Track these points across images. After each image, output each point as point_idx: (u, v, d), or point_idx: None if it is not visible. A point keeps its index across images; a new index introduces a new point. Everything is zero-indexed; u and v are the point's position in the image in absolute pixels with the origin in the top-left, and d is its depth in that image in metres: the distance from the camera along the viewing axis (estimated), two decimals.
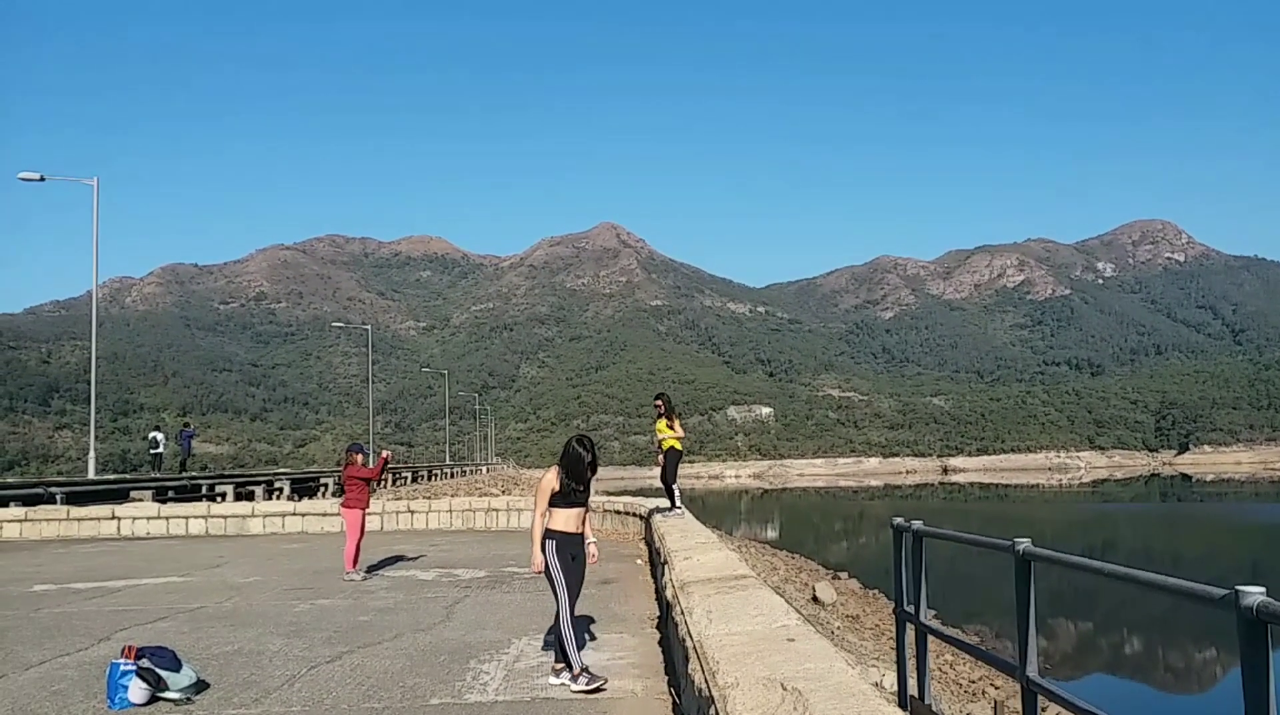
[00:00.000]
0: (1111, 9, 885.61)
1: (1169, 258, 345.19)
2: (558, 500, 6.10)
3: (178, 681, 5.79)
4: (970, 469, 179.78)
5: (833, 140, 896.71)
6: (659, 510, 13.63)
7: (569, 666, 5.93)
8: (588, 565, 6.33)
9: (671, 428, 12.43)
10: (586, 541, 6.34)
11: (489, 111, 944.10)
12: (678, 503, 13.14)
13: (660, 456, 12.72)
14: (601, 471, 6.54)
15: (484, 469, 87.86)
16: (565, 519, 6.11)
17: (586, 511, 6.31)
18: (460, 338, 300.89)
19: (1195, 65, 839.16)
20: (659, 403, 12.59)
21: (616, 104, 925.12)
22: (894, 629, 8.06)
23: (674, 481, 12.88)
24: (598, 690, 5.77)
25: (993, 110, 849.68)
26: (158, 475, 29.35)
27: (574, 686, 5.81)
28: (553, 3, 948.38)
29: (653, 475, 13.70)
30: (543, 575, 6.09)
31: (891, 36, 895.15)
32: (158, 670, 5.72)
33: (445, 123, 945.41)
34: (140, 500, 22.54)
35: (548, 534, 6.06)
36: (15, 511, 19.20)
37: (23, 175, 28.92)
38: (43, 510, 19.47)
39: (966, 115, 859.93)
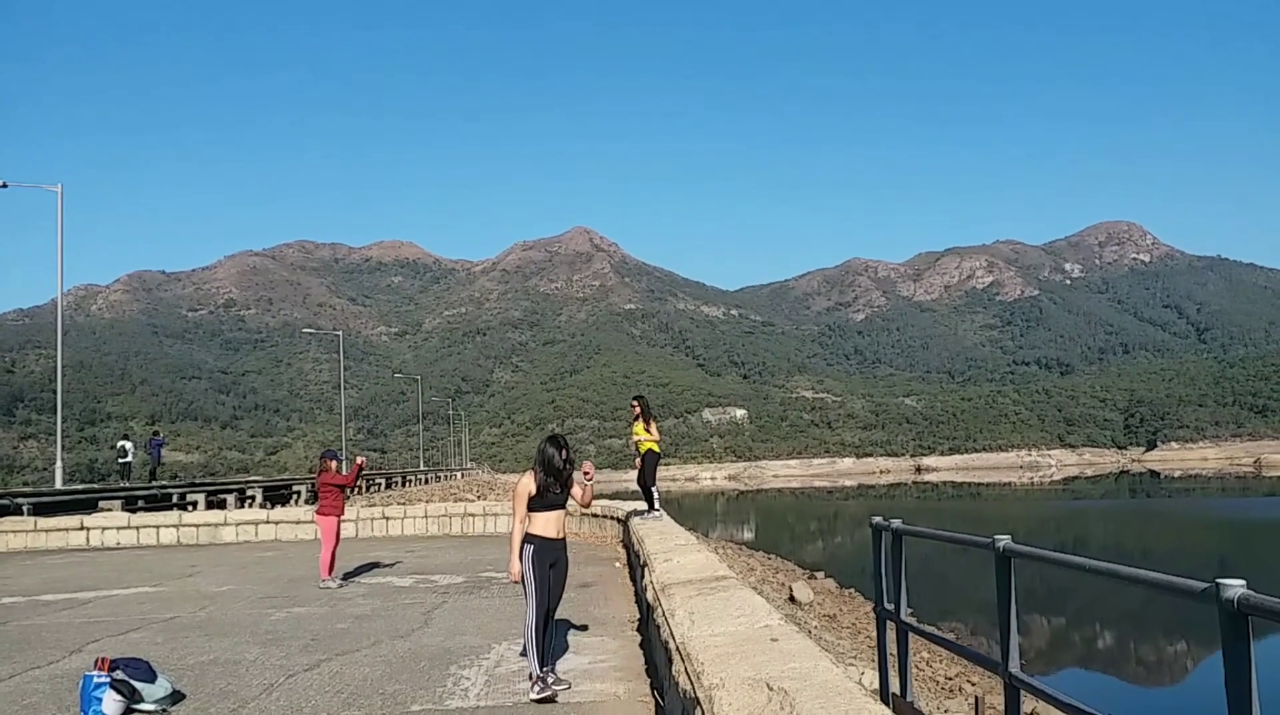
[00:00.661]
0: (1075, 10, 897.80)
1: (1135, 258, 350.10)
2: (535, 503, 5.97)
3: (153, 693, 5.70)
4: (943, 468, 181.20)
5: (803, 143, 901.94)
6: (637, 513, 13.61)
7: (531, 672, 5.85)
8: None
9: (649, 430, 12.43)
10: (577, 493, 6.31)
11: (460, 116, 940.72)
12: (656, 505, 13.13)
13: (638, 459, 12.70)
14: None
15: (459, 474, 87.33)
16: (544, 523, 5.99)
17: (565, 513, 6.17)
18: (433, 343, 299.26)
19: (1159, 68, 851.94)
20: (635, 405, 12.58)
21: (588, 108, 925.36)
22: (872, 627, 8.10)
23: (653, 484, 12.88)
24: (548, 699, 5.65)
25: (961, 113, 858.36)
26: (127, 484, 28.92)
27: (532, 694, 5.71)
28: (525, 8, 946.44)
29: (629, 478, 13.70)
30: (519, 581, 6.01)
31: (859, 39, 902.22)
32: (132, 682, 5.63)
33: (416, 127, 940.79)
34: (109, 510, 22.19)
35: (527, 539, 5.94)
36: None
37: None
38: (8, 521, 19.14)
39: (935, 118, 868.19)
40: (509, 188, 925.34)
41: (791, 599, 21.05)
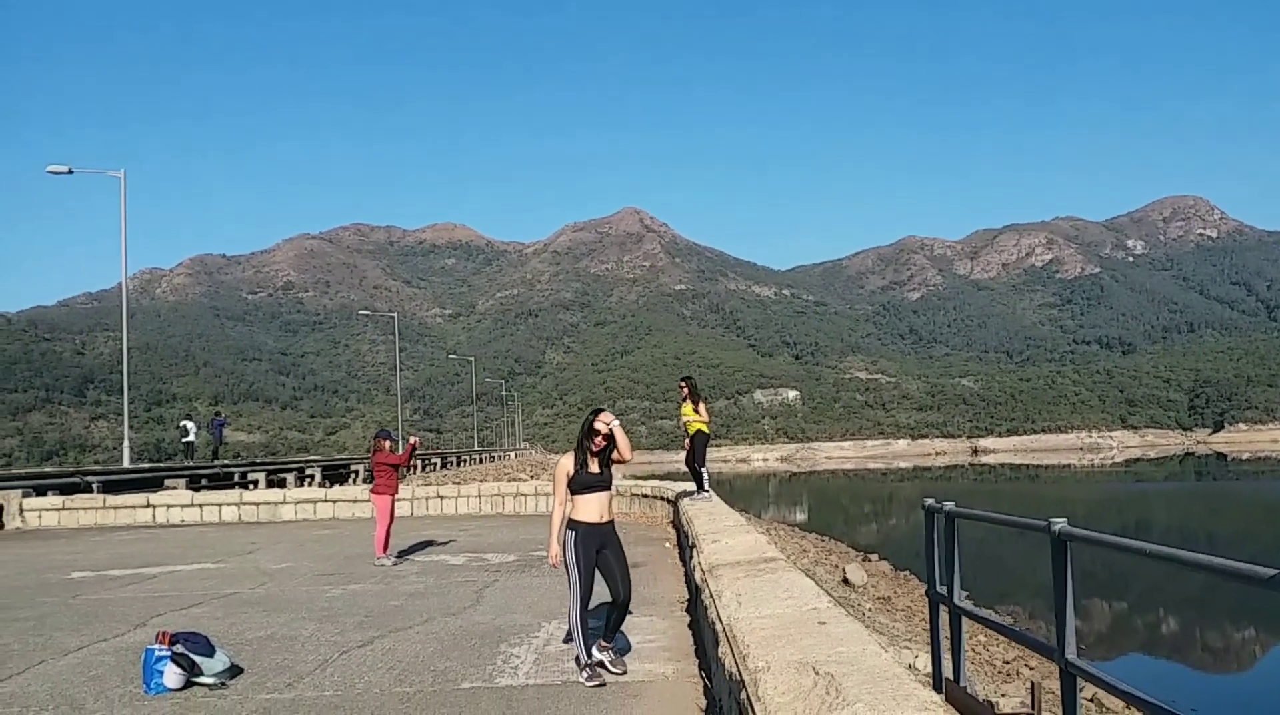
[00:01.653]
0: None
1: (1201, 234, 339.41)
2: (575, 484, 5.76)
3: (211, 666, 5.84)
4: (1000, 450, 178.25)
5: (858, 122, 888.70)
6: (686, 494, 13.59)
7: (578, 657, 5.76)
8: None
9: (697, 411, 12.38)
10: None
11: (512, 99, 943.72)
12: (706, 486, 13.10)
13: (687, 440, 12.67)
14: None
15: (512, 454, 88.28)
16: (587, 507, 5.76)
17: (611, 495, 5.95)
18: (486, 324, 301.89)
19: (1225, 40, 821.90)
20: (684, 386, 12.53)
21: (638, 90, 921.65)
22: (926, 611, 7.99)
23: (702, 465, 12.84)
24: (599, 685, 5.57)
25: (1020, 89, 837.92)
26: (191, 463, 29.71)
27: (581, 679, 5.66)
28: None
29: (679, 459, 13.67)
30: (562, 565, 5.81)
31: (916, 18, 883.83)
32: (192, 655, 5.77)
33: (469, 110, 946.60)
34: (174, 488, 22.82)
35: (570, 524, 5.75)
36: (53, 500, 19.50)
37: (51, 168, 29.22)
38: (80, 499, 19.77)
39: (993, 94, 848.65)
40: (560, 170, 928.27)
41: (845, 581, 20.90)
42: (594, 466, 5.79)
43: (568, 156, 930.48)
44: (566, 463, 5.79)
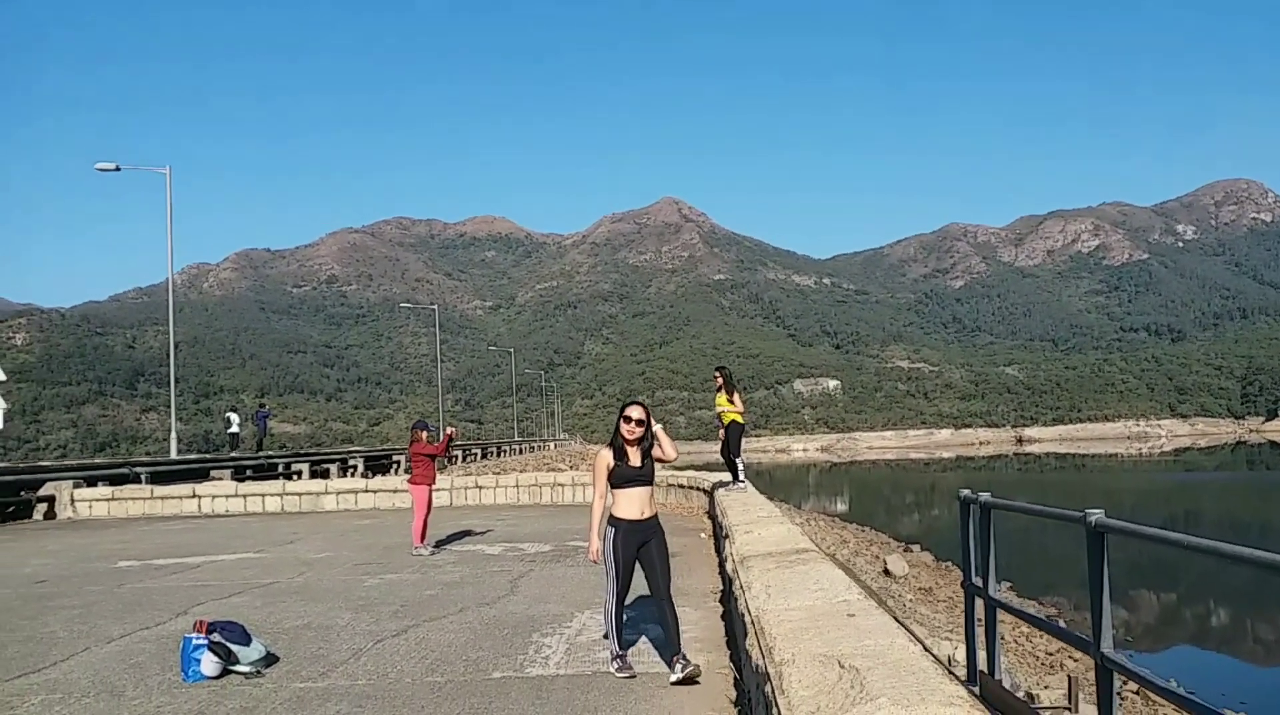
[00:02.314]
0: None
1: (1255, 218, 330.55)
2: (616, 480, 5.59)
3: (247, 655, 5.92)
4: (1046, 439, 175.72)
5: (898, 108, 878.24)
6: (722, 485, 13.55)
7: (611, 650, 5.74)
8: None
9: (731, 401, 12.32)
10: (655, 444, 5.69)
11: (550, 90, 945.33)
12: (741, 477, 13.03)
13: (721, 431, 12.62)
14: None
15: (552, 445, 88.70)
16: (628, 502, 5.57)
17: (653, 488, 5.72)
18: (525, 316, 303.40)
19: (1277, 22, 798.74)
20: (718, 376, 12.48)
21: (675, 79, 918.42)
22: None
23: (737, 455, 12.77)
24: (629, 677, 5.55)
25: (1066, 72, 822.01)
26: (236, 454, 30.22)
27: (613, 669, 5.65)
28: None
29: (717, 449, 13.63)
30: (602, 561, 5.71)
31: (958, 1, 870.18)
32: (228, 644, 5.85)
33: (507, 103, 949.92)
34: (219, 479, 23.24)
35: (611, 521, 5.61)
36: (103, 491, 19.95)
37: (99, 166, 29.76)
38: (129, 489, 20.20)
39: (1035, 76, 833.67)
40: (598, 160, 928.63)
41: (886, 572, 20.76)
42: (634, 459, 5.61)
43: (605, 147, 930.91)
44: (606, 455, 5.63)
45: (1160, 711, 10.77)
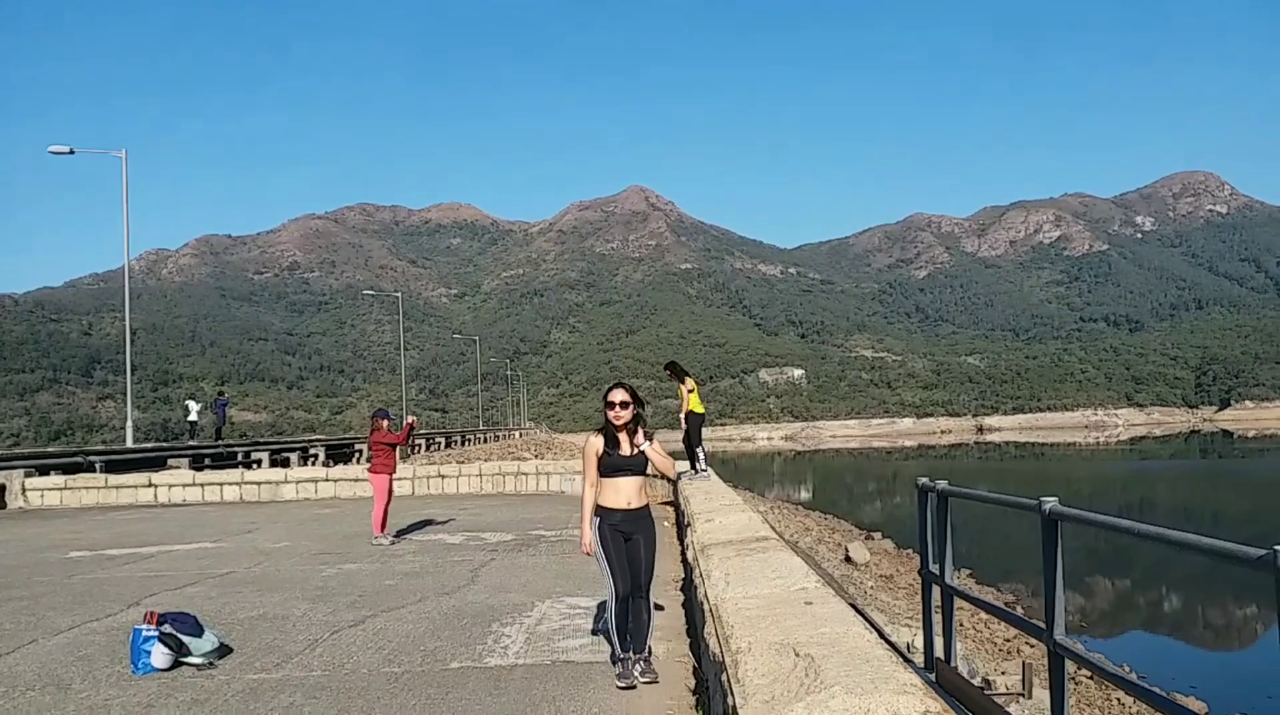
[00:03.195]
0: None
1: (1211, 209, 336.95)
2: (605, 468, 5.28)
3: (200, 646, 5.81)
4: (1006, 428, 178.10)
5: (864, 98, 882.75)
6: (682, 474, 13.57)
7: (613, 654, 5.36)
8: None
9: (689, 392, 12.34)
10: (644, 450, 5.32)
11: (516, 77, 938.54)
12: (701, 465, 13.06)
13: (683, 420, 12.64)
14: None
15: (517, 434, 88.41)
16: (615, 491, 5.27)
17: (643, 478, 5.35)
18: (491, 304, 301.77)
19: (1235, 11, 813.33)
20: (668, 372, 12.53)
21: (643, 67, 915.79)
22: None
23: (698, 445, 12.80)
24: (629, 688, 5.09)
25: (1027, 63, 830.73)
26: (194, 443, 29.78)
27: (616, 681, 5.20)
28: None
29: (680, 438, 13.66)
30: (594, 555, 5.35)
31: None
32: (179, 635, 5.75)
33: (473, 89, 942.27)
34: (177, 468, 22.89)
35: (598, 510, 5.29)
36: (56, 480, 19.56)
37: (53, 149, 29.12)
38: (82, 478, 19.83)
39: (999, 69, 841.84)
40: (565, 148, 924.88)
41: (848, 559, 20.91)
42: (625, 447, 5.28)
43: (573, 135, 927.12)
44: (596, 442, 5.31)
45: (1112, 695, 10.96)
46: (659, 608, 6.31)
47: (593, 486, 5.33)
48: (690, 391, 12.32)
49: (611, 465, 5.26)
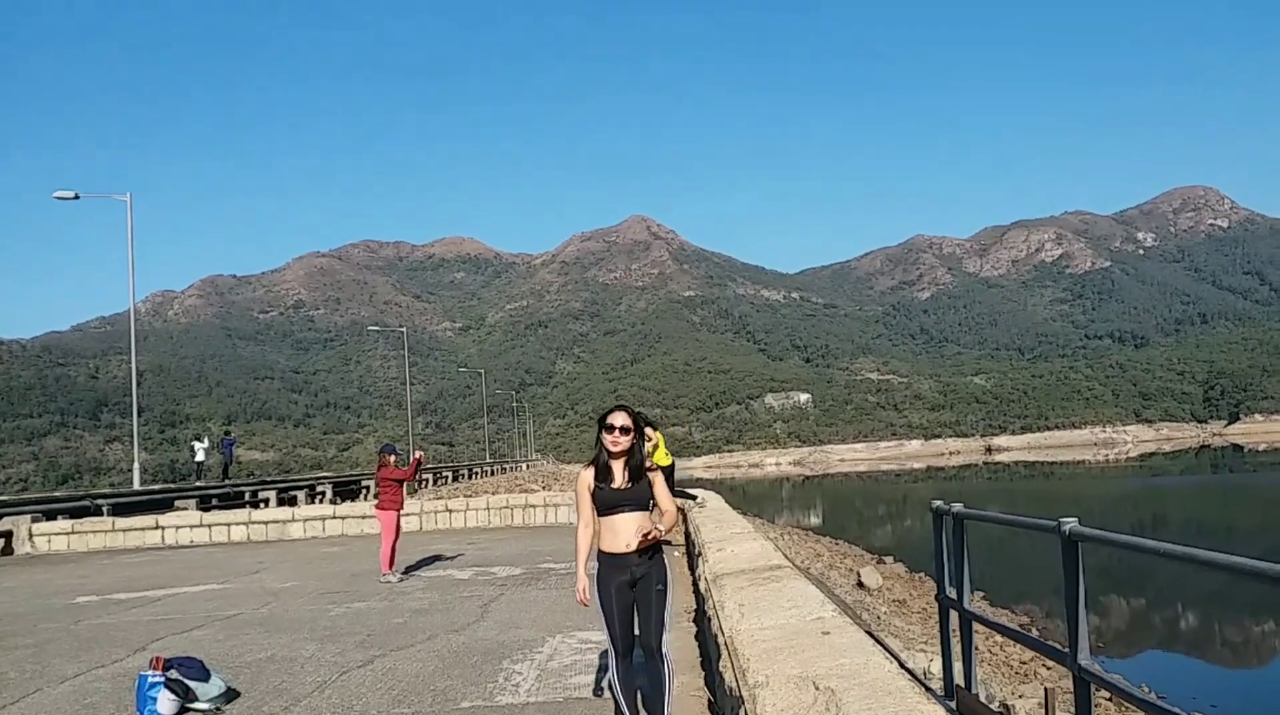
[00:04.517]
0: None
1: (1213, 224, 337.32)
2: (600, 505, 4.52)
3: (206, 691, 5.72)
4: (1014, 447, 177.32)
5: (863, 122, 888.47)
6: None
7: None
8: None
9: (654, 444, 11.95)
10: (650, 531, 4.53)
11: (517, 110, 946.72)
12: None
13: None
14: None
15: (524, 465, 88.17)
16: (612, 532, 4.51)
17: (647, 514, 4.58)
18: (496, 337, 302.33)
19: (1233, 27, 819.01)
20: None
21: (642, 96, 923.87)
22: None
23: (674, 494, 12.60)
24: None
25: (1024, 83, 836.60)
26: (201, 483, 29.70)
27: None
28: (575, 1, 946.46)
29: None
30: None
31: (918, 14, 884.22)
32: (186, 681, 5.65)
33: (473, 124, 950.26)
34: (184, 509, 22.79)
35: (598, 555, 4.61)
36: (62, 524, 19.47)
37: (58, 194, 29.33)
38: (89, 522, 19.73)
39: (997, 88, 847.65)
40: (565, 180, 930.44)
41: (860, 585, 20.70)
42: (619, 479, 4.51)
43: (574, 166, 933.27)
44: (586, 476, 4.56)
45: None
46: None
47: (588, 526, 4.67)
48: (654, 445, 11.99)
49: (606, 501, 4.50)
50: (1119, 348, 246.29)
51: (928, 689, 6.76)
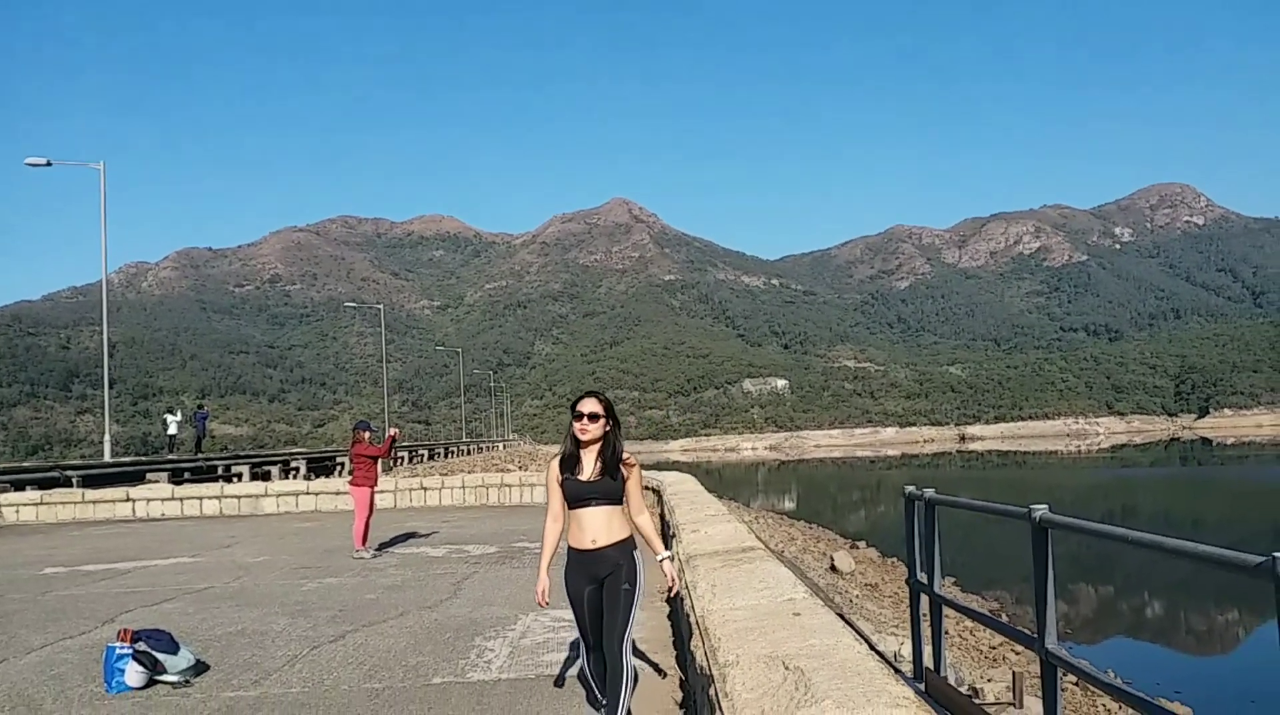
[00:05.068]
0: None
1: (1188, 221, 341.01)
2: (569, 496, 4.27)
3: (175, 664, 5.68)
4: (988, 437, 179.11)
5: (845, 110, 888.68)
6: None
7: None
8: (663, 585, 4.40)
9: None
10: (657, 557, 4.54)
11: (500, 90, 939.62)
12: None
13: None
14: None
15: (501, 445, 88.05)
16: (578, 527, 4.29)
17: (618, 508, 4.32)
18: (474, 316, 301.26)
19: (1210, 27, 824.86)
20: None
21: (625, 81, 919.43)
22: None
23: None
24: None
25: (1007, 76, 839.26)
26: (173, 457, 29.45)
27: None
28: None
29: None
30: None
31: (901, 5, 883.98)
32: (154, 653, 5.61)
33: (456, 102, 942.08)
34: (156, 482, 22.60)
35: (568, 550, 4.39)
36: (31, 495, 19.26)
37: (30, 160, 28.85)
38: (58, 493, 19.53)
39: (980, 81, 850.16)
40: (548, 160, 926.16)
41: (833, 568, 20.87)
42: (587, 471, 4.27)
43: (556, 147, 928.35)
44: (555, 466, 4.33)
45: (1098, 701, 10.94)
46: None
47: (556, 520, 4.41)
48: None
49: (573, 493, 4.25)
50: (1093, 341, 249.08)
51: (897, 670, 6.83)
